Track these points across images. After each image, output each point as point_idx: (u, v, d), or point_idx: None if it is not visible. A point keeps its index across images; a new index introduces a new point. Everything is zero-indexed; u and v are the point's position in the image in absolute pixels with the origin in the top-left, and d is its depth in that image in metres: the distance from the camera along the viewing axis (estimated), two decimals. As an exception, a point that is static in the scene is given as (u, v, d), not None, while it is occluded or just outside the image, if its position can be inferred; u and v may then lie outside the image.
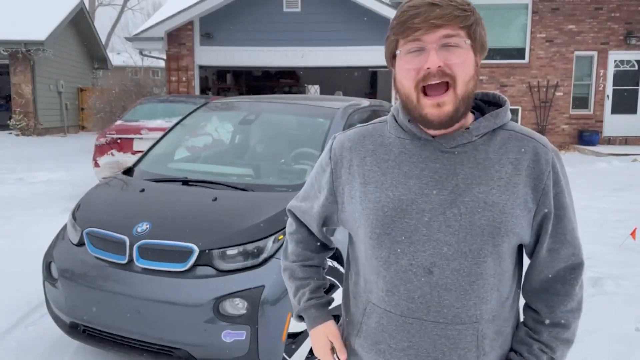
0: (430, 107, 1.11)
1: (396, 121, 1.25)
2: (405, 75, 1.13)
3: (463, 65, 1.11)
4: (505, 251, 1.15)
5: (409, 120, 1.20)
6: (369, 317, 1.24)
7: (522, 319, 1.31)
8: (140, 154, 4.14)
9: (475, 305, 1.15)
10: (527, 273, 1.26)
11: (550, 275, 1.22)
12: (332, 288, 3.12)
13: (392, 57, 1.19)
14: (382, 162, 1.22)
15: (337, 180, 1.29)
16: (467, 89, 1.12)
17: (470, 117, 1.21)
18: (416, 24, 1.09)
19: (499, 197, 1.13)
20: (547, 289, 1.23)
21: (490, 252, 1.13)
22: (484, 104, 1.27)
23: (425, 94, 1.12)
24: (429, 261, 1.14)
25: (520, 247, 1.25)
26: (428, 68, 1.09)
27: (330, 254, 1.52)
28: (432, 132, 1.18)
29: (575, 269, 1.22)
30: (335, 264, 3.08)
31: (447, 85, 1.11)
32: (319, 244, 1.46)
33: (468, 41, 1.12)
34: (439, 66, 1.09)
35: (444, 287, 1.14)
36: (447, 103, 1.11)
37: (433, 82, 1.10)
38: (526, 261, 1.30)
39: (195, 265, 2.76)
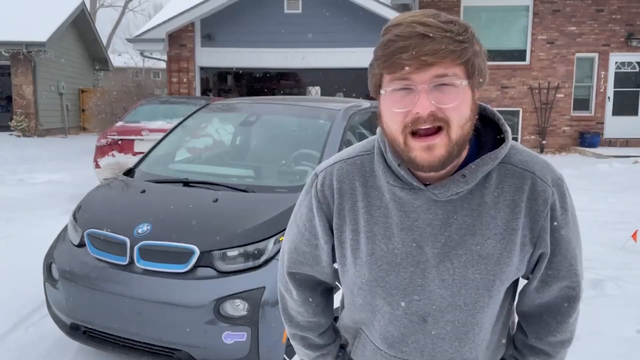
0: (419, 150, 0.98)
1: (384, 159, 1.12)
2: (392, 117, 1.00)
3: (458, 108, 0.97)
4: (502, 298, 1.13)
5: (399, 165, 1.07)
6: (364, 345, 1.22)
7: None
8: (141, 155, 4.14)
9: (470, 349, 1.13)
10: (519, 295, 1.21)
11: (543, 303, 1.17)
12: (332, 288, 3.12)
13: (376, 89, 1.04)
14: (374, 209, 1.12)
15: (330, 219, 1.19)
16: (462, 132, 0.99)
17: (464, 153, 1.08)
18: (404, 60, 0.93)
19: (493, 247, 1.06)
20: (540, 315, 1.18)
21: (487, 303, 1.09)
22: (479, 122, 1.12)
23: (413, 134, 0.98)
24: (423, 310, 1.10)
25: None
26: (417, 113, 0.95)
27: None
28: (423, 176, 1.06)
29: (570, 301, 1.15)
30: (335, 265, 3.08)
31: (439, 128, 0.97)
32: (324, 297, 1.34)
33: (465, 82, 0.97)
34: (431, 111, 0.95)
35: (438, 336, 1.11)
36: (438, 146, 0.97)
37: (423, 127, 0.97)
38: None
39: (195, 266, 2.76)
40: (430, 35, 0.93)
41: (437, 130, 0.97)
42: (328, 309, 1.35)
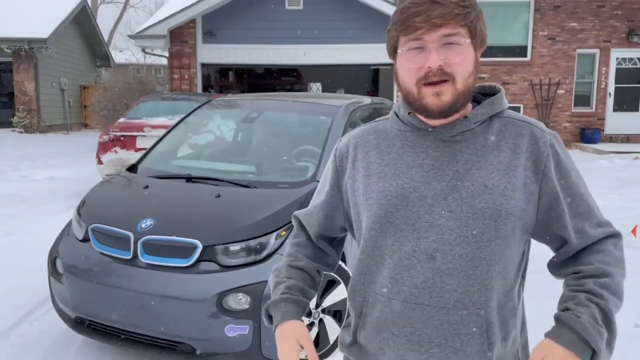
0: (430, 96, 1.14)
1: (397, 116, 1.28)
2: (407, 73, 1.16)
3: (463, 63, 1.13)
4: (509, 236, 1.15)
5: (409, 113, 1.23)
6: (372, 307, 1.24)
7: (527, 319, 1.30)
8: (143, 152, 4.17)
9: (479, 291, 1.15)
10: (559, 255, 1.23)
11: (589, 245, 1.19)
12: (333, 284, 3.16)
13: (393, 50, 1.21)
14: (385, 154, 1.25)
15: (342, 177, 1.32)
16: (467, 84, 1.15)
17: (469, 107, 1.22)
18: (417, 23, 1.10)
19: (498, 180, 1.15)
20: (584, 253, 1.19)
21: (493, 236, 1.14)
22: (482, 96, 1.28)
23: (425, 85, 1.15)
24: (431, 247, 1.15)
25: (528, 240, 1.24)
26: (429, 67, 1.12)
27: (328, 269, 1.45)
28: (432, 122, 1.20)
29: (611, 237, 1.20)
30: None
31: (446, 80, 1.14)
32: (315, 250, 1.42)
33: (468, 40, 1.14)
34: (440, 65, 1.11)
35: (447, 272, 1.14)
36: (445, 93, 1.13)
37: (433, 80, 1.13)
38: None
39: (198, 260, 2.79)
40: (439, 1, 1.10)
41: (445, 82, 1.13)
42: (313, 257, 1.41)
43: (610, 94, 14.48)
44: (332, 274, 3.12)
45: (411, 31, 1.12)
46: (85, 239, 3.11)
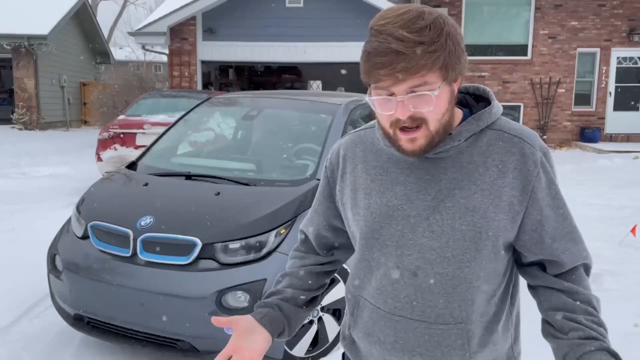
0: (404, 141, 1.12)
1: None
2: (380, 117, 1.14)
3: (434, 110, 1.08)
4: (490, 254, 1.16)
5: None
6: (362, 310, 1.29)
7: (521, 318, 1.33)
8: (143, 149, 4.17)
9: (459, 307, 1.17)
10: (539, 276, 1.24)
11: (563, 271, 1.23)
12: (332, 282, 3.16)
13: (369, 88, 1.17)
14: (371, 168, 1.25)
15: (334, 188, 1.35)
16: (441, 124, 1.11)
17: (458, 116, 1.19)
18: (381, 76, 1.05)
19: (480, 201, 1.13)
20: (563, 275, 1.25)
21: (473, 257, 1.15)
22: (474, 100, 1.25)
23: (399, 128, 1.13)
24: (414, 264, 1.17)
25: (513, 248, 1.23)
26: (398, 117, 1.09)
27: (323, 289, 1.43)
28: None
29: (587, 269, 1.27)
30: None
31: (419, 125, 1.10)
32: (311, 271, 1.40)
33: (439, 85, 1.07)
34: (409, 115, 1.08)
35: (428, 289, 1.17)
36: (419, 138, 1.11)
37: (406, 126, 1.10)
38: None
39: (198, 258, 2.79)
40: (403, 51, 1.02)
41: (418, 126, 1.10)
42: (302, 277, 1.38)
43: (610, 93, 14.48)
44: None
45: (377, 82, 1.07)
46: (85, 237, 3.11)
